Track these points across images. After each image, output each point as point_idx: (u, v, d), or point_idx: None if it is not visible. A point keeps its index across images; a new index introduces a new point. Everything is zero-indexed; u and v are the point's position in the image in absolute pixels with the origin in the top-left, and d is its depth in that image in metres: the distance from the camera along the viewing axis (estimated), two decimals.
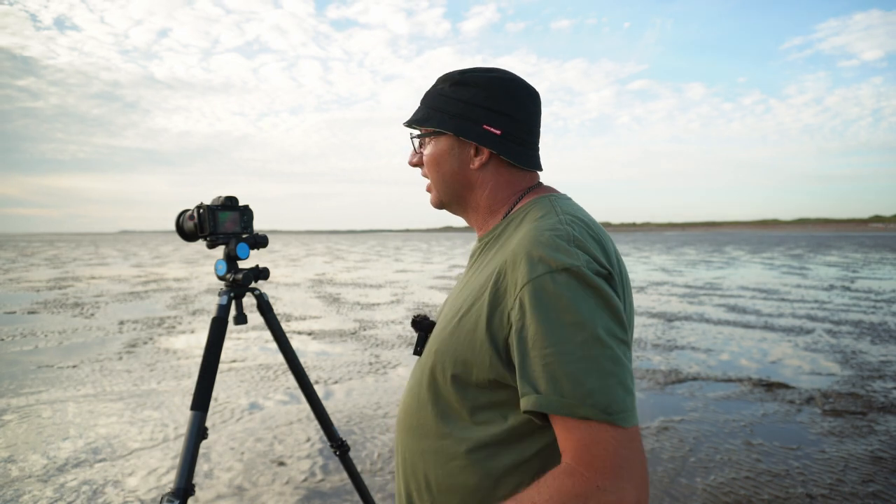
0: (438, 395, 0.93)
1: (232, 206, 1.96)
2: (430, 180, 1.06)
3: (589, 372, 0.75)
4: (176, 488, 1.72)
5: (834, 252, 31.21)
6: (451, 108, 0.99)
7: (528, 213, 0.96)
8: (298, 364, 2.15)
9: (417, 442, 0.96)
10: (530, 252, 0.83)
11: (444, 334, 0.94)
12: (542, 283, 0.80)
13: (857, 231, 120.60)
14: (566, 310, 0.78)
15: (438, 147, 1.02)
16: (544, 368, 0.77)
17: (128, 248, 47.66)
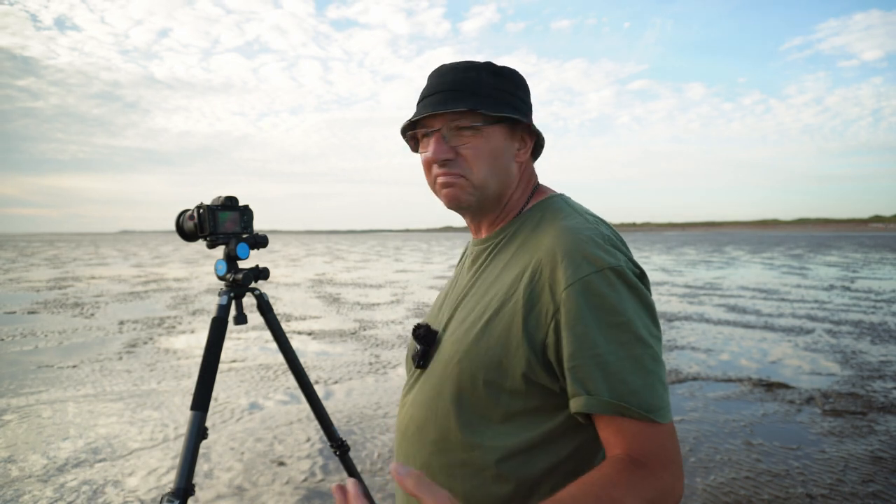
0: (464, 405, 0.88)
1: (232, 206, 1.96)
2: (467, 175, 0.94)
3: (634, 371, 0.78)
4: (176, 488, 1.72)
5: (834, 252, 31.21)
6: (503, 97, 0.94)
7: (544, 214, 0.95)
8: (298, 364, 2.15)
9: (438, 457, 0.90)
10: (572, 252, 0.82)
11: (467, 340, 0.89)
12: (588, 282, 0.80)
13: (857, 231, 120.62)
14: (612, 310, 0.79)
15: (495, 137, 0.94)
16: (592, 369, 0.78)
17: (128, 248, 47.66)
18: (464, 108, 0.90)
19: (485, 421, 0.87)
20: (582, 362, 0.79)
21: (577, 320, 0.79)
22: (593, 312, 0.79)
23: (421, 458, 0.93)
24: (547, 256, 0.84)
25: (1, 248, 48.07)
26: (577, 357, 0.79)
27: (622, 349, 0.78)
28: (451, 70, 0.95)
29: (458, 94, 0.92)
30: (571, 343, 0.79)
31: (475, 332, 0.89)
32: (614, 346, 0.78)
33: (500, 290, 0.89)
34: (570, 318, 0.80)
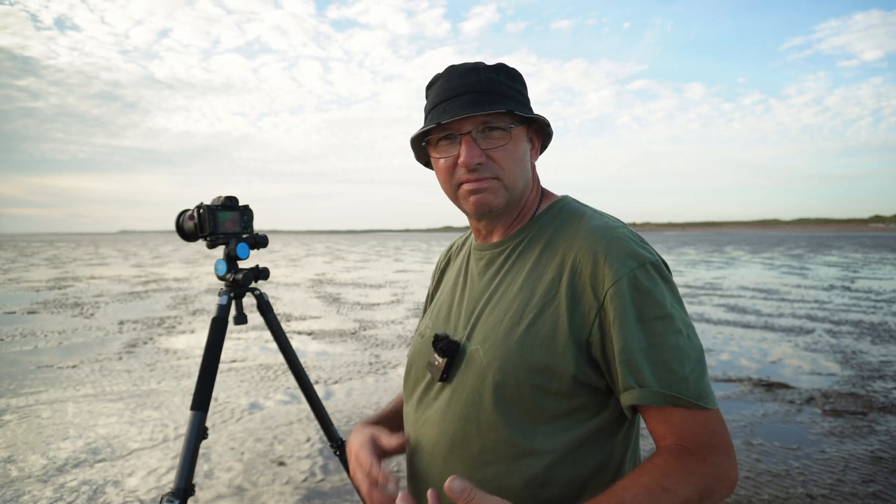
0: (511, 412, 0.85)
1: (232, 206, 1.96)
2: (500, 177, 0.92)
3: (681, 361, 0.80)
4: (176, 488, 1.72)
5: (834, 252, 31.21)
6: (517, 97, 0.94)
7: (564, 216, 0.95)
8: (298, 364, 2.15)
9: (482, 471, 0.86)
10: (613, 249, 0.84)
11: (508, 346, 0.86)
12: (633, 277, 0.82)
13: (857, 231, 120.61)
14: (656, 303, 0.81)
15: (522, 139, 0.94)
16: (641, 362, 0.79)
17: (128, 248, 47.66)
18: (502, 109, 0.88)
19: (533, 426, 0.85)
20: (631, 356, 0.80)
21: (624, 315, 0.80)
22: (638, 307, 0.81)
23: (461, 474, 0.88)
24: (586, 256, 0.85)
25: (1, 248, 48.07)
26: (627, 351, 0.80)
27: (667, 340, 0.80)
28: (472, 71, 0.93)
29: (488, 95, 0.90)
30: (620, 338, 0.80)
31: (516, 337, 0.86)
32: (660, 338, 0.80)
33: (537, 294, 0.88)
34: (616, 313, 0.81)
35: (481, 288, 0.97)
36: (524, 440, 0.85)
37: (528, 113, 0.92)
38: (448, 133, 0.92)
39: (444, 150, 0.93)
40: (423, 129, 0.93)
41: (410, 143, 1.00)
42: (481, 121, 0.90)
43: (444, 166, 0.94)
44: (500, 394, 0.86)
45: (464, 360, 0.91)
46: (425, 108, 0.98)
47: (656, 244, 47.49)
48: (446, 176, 0.94)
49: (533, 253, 0.93)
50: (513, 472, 0.85)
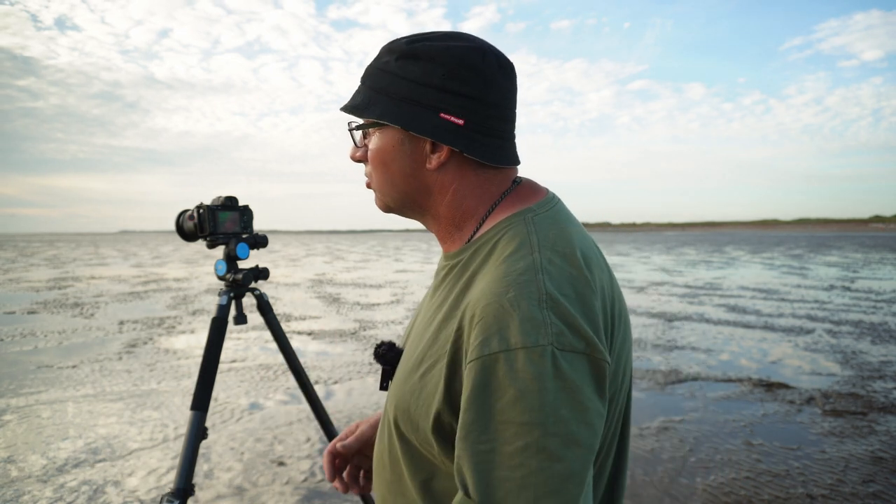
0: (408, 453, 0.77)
1: (232, 206, 1.96)
2: (373, 179, 0.84)
3: (524, 487, 0.59)
4: (176, 488, 1.73)
5: (834, 252, 31.21)
6: (398, 90, 0.76)
7: (498, 241, 0.75)
8: (298, 364, 2.15)
9: (395, 498, 0.81)
10: (487, 316, 0.65)
11: (403, 388, 0.77)
12: (491, 363, 0.62)
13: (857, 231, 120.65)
14: (514, 404, 0.60)
15: (384, 140, 0.79)
16: (474, 468, 0.62)
17: (128, 248, 47.67)
18: (344, 109, 0.81)
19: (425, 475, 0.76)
20: (466, 454, 0.63)
21: (470, 403, 0.63)
22: (488, 400, 0.62)
23: (380, 493, 0.86)
24: (470, 315, 0.68)
25: (1, 248, 48.08)
26: (464, 445, 0.63)
27: (517, 456, 0.60)
28: (378, 53, 0.81)
29: (360, 87, 0.81)
30: (460, 427, 0.64)
31: (410, 384, 0.75)
32: (507, 448, 0.60)
33: (438, 340, 0.74)
34: (467, 398, 0.64)
35: (427, 302, 0.87)
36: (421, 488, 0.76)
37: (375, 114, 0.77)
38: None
39: None
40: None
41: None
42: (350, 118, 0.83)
43: None
44: (398, 429, 0.77)
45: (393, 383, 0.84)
46: None
47: (656, 244, 47.40)
48: None
49: (457, 286, 0.77)
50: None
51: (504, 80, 0.78)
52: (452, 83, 0.75)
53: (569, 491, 0.59)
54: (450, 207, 0.81)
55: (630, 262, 24.54)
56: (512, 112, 0.80)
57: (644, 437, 4.04)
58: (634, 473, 3.44)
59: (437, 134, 0.75)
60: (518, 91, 0.81)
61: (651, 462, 3.61)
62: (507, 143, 0.80)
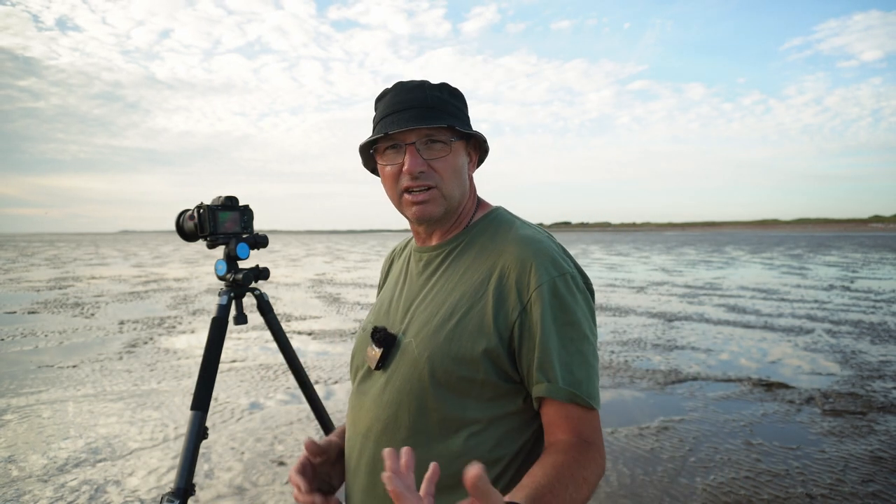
0: (439, 399, 0.93)
1: (232, 206, 1.96)
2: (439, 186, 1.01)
3: (580, 365, 0.91)
4: (176, 488, 1.73)
5: (834, 252, 31.21)
6: (458, 114, 1.04)
7: (496, 225, 1.05)
8: (298, 364, 2.15)
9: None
10: (537, 257, 0.94)
11: (438, 340, 0.95)
12: (553, 284, 0.92)
13: (857, 231, 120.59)
14: (568, 310, 0.92)
15: (460, 153, 1.04)
16: (552, 360, 0.89)
17: (128, 248, 47.66)
18: (444, 124, 0.98)
19: (458, 412, 0.93)
20: (545, 354, 0.90)
21: (542, 317, 0.90)
22: (555, 311, 0.91)
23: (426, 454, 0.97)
24: (514, 262, 0.95)
25: (1, 248, 48.07)
26: (542, 349, 0.90)
27: (573, 345, 0.91)
28: (418, 88, 1.02)
29: (432, 111, 1.00)
30: (537, 337, 0.90)
31: (446, 331, 0.95)
32: (566, 341, 0.91)
33: (467, 293, 0.97)
34: (536, 315, 0.91)
35: (419, 286, 1.06)
36: (450, 427, 0.93)
37: (467, 129, 1.02)
38: (394, 143, 1.00)
39: (390, 158, 1.02)
40: (372, 138, 1.02)
41: (359, 151, 1.07)
42: (425, 133, 0.99)
43: (389, 173, 1.02)
44: (430, 383, 0.94)
45: (398, 351, 1.00)
46: (374, 118, 1.06)
47: (656, 244, 47.48)
48: (391, 182, 1.03)
49: (466, 257, 1.02)
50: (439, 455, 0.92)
51: None
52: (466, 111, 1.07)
53: (596, 363, 0.94)
54: (468, 204, 1.08)
55: (630, 262, 24.54)
56: None
57: (644, 437, 4.04)
58: (634, 473, 3.45)
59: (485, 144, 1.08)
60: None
61: (651, 462, 3.61)
62: None
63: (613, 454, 3.73)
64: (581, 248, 40.40)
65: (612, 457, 3.68)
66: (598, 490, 3.22)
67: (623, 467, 3.53)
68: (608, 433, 4.09)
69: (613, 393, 5.11)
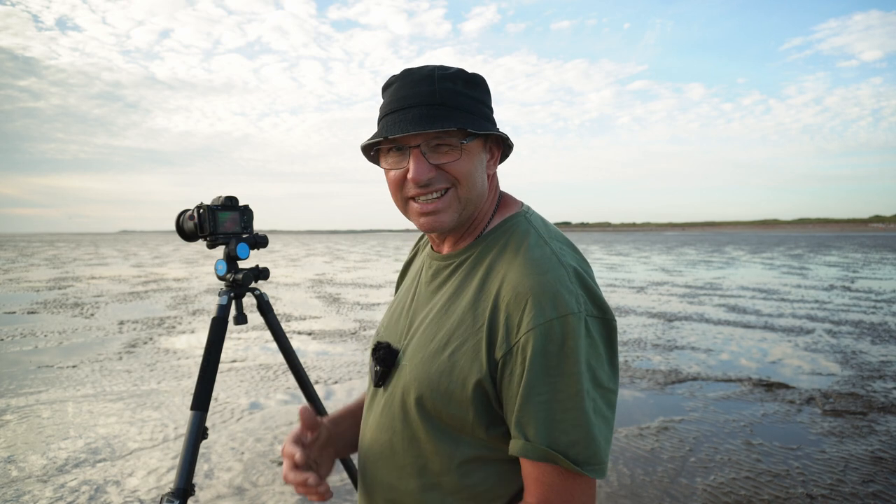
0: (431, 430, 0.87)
1: (232, 206, 1.96)
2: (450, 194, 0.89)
3: (576, 425, 0.77)
4: (176, 488, 1.72)
5: (834, 252, 31.21)
6: (478, 109, 0.89)
7: (510, 237, 0.90)
8: (298, 364, 2.15)
9: (407, 482, 0.90)
10: (536, 294, 0.80)
11: (430, 371, 0.87)
12: (549, 329, 0.78)
13: (857, 231, 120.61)
14: (565, 359, 0.77)
15: (475, 153, 0.89)
16: (534, 416, 0.78)
17: (128, 248, 47.67)
18: (452, 126, 0.84)
19: (451, 447, 0.87)
20: (527, 407, 0.78)
21: (529, 366, 0.78)
22: (548, 359, 0.78)
23: (388, 481, 0.92)
24: (510, 294, 0.82)
25: (1, 248, 48.08)
26: (521, 401, 0.79)
27: (569, 400, 0.77)
28: (426, 79, 0.87)
29: (441, 108, 0.85)
30: (519, 387, 0.79)
31: (438, 363, 0.86)
32: (561, 395, 0.77)
33: (465, 321, 0.86)
34: (523, 362, 0.79)
35: (426, 298, 0.97)
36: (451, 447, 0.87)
37: (480, 129, 0.86)
38: (398, 145, 0.88)
39: (393, 161, 0.90)
40: (370, 142, 0.89)
41: (361, 150, 0.94)
42: (432, 136, 0.86)
43: (393, 178, 0.90)
44: (423, 413, 0.87)
45: (397, 371, 0.93)
46: (379, 113, 0.92)
47: (656, 244, 47.40)
48: (395, 188, 0.91)
49: (476, 274, 0.90)
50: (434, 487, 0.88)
51: None
52: (490, 102, 0.93)
53: (604, 423, 0.79)
54: (485, 207, 0.95)
55: (630, 262, 24.54)
56: None
57: (644, 437, 4.04)
58: (634, 473, 3.44)
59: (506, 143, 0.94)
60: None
61: (651, 462, 3.61)
62: None
63: (613, 454, 3.73)
64: (581, 248, 40.29)
65: (611, 457, 3.68)
66: (599, 490, 3.22)
67: (623, 467, 3.53)
68: None
69: None
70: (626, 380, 5.53)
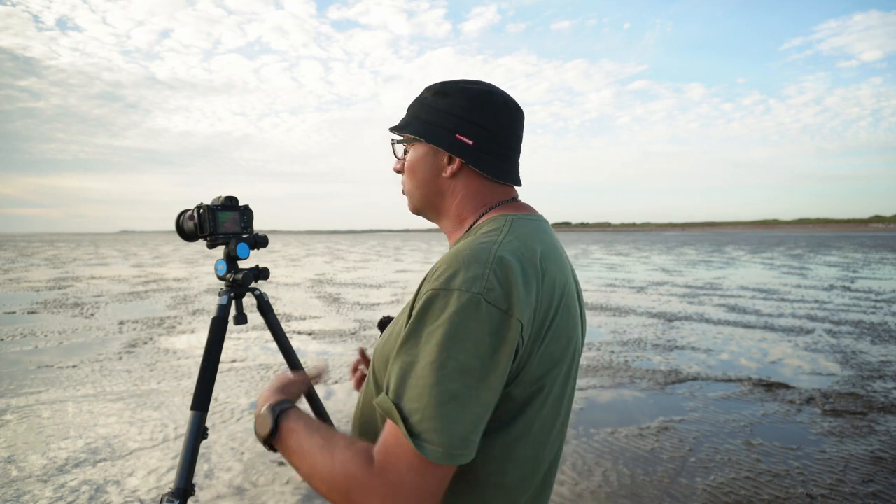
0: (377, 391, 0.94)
1: (232, 206, 1.96)
2: (406, 186, 1.07)
3: (421, 394, 0.75)
4: (176, 488, 1.72)
5: (834, 252, 31.20)
6: (428, 116, 1.01)
7: (481, 228, 0.95)
8: (298, 364, 2.15)
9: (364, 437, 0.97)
10: (443, 265, 0.83)
11: (382, 337, 0.96)
12: (433, 295, 0.79)
13: (857, 231, 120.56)
14: (438, 328, 0.77)
15: (416, 154, 1.03)
16: (397, 373, 0.79)
17: (128, 248, 47.66)
18: (392, 128, 1.05)
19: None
20: (395, 363, 0.80)
21: (410, 325, 0.80)
22: (421, 324, 0.79)
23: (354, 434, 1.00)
24: (430, 270, 0.87)
25: (1, 248, 48.08)
26: (395, 355, 0.80)
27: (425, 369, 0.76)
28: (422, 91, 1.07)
29: (407, 113, 1.06)
30: (399, 341, 0.81)
31: (386, 332, 0.96)
32: (422, 361, 0.76)
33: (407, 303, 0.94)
34: (408, 321, 0.82)
35: None
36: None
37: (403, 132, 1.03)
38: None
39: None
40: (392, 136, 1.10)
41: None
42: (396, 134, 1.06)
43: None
44: (374, 377, 0.94)
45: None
46: None
47: (656, 244, 47.39)
48: None
49: None
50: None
51: (506, 115, 0.99)
52: (467, 113, 0.98)
53: (455, 407, 0.75)
54: (457, 208, 1.02)
55: (630, 262, 24.54)
56: (514, 142, 1.01)
57: (644, 437, 4.04)
58: (634, 473, 3.44)
59: (451, 147, 0.99)
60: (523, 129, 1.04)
61: (651, 462, 3.61)
62: (508, 165, 1.01)
63: (613, 454, 3.73)
64: (581, 248, 40.40)
65: (612, 457, 3.68)
66: (599, 490, 3.22)
67: (623, 467, 3.53)
68: (608, 433, 4.09)
69: (614, 393, 5.11)
70: (626, 380, 5.53)
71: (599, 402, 4.84)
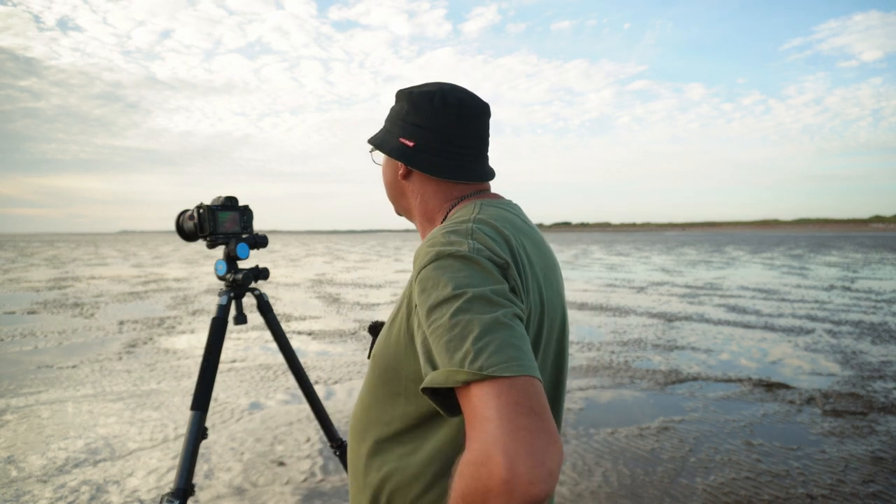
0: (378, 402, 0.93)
1: (232, 206, 1.96)
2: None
3: (463, 338, 0.71)
4: (176, 488, 1.73)
5: (834, 252, 31.20)
6: (387, 123, 1.08)
7: (452, 218, 0.96)
8: (298, 364, 2.15)
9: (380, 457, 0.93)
10: (420, 253, 0.84)
11: (380, 341, 0.96)
12: (422, 275, 0.80)
13: (857, 231, 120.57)
14: (442, 287, 0.76)
15: (383, 161, 1.12)
16: (424, 348, 0.76)
17: (128, 248, 47.66)
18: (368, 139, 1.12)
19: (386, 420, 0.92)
20: (425, 346, 0.77)
21: (420, 307, 0.78)
22: (425, 295, 0.78)
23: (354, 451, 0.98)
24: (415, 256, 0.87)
25: (1, 248, 48.07)
26: (417, 341, 0.79)
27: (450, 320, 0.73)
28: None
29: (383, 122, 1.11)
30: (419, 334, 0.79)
31: (383, 334, 0.95)
32: (443, 318, 0.74)
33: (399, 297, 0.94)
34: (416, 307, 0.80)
35: None
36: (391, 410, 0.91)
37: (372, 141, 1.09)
38: None
39: None
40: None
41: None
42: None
43: None
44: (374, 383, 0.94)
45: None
46: None
47: (656, 244, 47.41)
48: None
49: None
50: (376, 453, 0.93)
51: (454, 112, 1.00)
52: (410, 116, 1.02)
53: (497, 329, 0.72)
54: (421, 206, 1.06)
55: (630, 262, 24.54)
56: (465, 139, 1.01)
57: (644, 437, 4.04)
58: (634, 473, 3.44)
59: (392, 152, 1.03)
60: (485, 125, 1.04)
61: (651, 462, 3.60)
62: (459, 162, 1.01)
63: (613, 454, 3.73)
64: (581, 248, 40.39)
65: (612, 457, 3.68)
66: (599, 490, 3.22)
67: (623, 467, 3.52)
68: (608, 433, 4.09)
69: (614, 393, 5.11)
70: (626, 380, 5.53)
71: (599, 402, 4.84)
